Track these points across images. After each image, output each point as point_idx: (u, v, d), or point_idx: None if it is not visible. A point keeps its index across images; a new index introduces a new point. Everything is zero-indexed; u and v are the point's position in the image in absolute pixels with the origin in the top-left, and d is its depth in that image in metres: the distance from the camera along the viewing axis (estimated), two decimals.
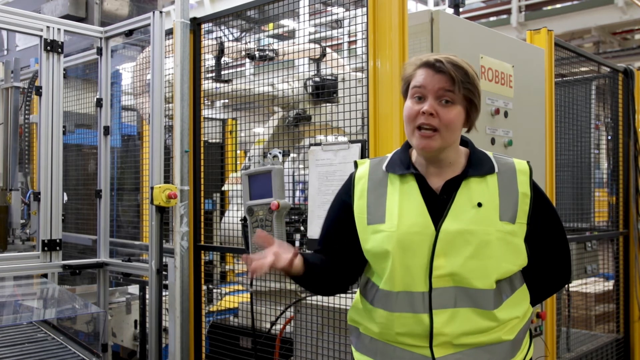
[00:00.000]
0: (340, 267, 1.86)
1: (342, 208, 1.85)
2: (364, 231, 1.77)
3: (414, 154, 1.79)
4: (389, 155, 1.84)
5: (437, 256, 1.65)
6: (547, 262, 1.83)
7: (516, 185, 1.72)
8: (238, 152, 4.06)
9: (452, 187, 1.71)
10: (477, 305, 1.65)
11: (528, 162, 1.79)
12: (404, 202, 1.71)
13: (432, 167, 1.74)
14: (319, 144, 2.88)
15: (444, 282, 1.65)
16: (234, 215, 3.37)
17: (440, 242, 1.65)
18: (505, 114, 3.14)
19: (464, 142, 1.81)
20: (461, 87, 1.66)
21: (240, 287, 3.74)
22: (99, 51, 3.94)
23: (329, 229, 1.90)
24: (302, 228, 3.02)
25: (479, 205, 1.67)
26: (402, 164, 1.77)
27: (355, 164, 1.89)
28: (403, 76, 1.77)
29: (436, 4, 13.68)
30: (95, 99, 3.98)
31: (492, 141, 3.05)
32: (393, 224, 1.70)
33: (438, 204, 1.70)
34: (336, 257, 1.86)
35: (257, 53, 3.53)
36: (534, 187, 1.76)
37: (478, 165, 1.74)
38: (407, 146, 1.82)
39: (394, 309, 1.70)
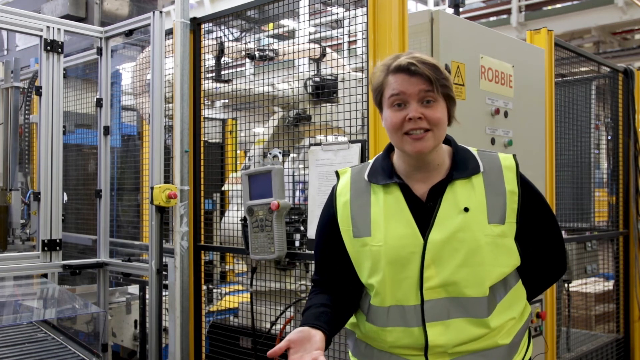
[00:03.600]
0: (348, 290, 1.77)
1: (329, 223, 1.79)
2: (351, 244, 1.72)
3: (396, 161, 1.73)
4: (370, 162, 1.79)
5: (427, 267, 1.61)
6: (541, 255, 1.80)
7: (503, 183, 1.67)
8: (238, 152, 4.05)
9: (437, 192, 1.66)
10: (470, 314, 1.63)
11: (514, 156, 1.74)
12: (390, 213, 1.66)
13: (418, 172, 1.69)
14: (319, 144, 2.88)
15: (436, 293, 1.62)
16: (234, 215, 3.37)
17: (429, 253, 1.61)
18: (505, 114, 3.14)
19: (447, 141, 1.76)
20: (438, 86, 1.61)
21: (240, 287, 3.74)
22: (99, 51, 3.94)
23: (322, 253, 1.82)
24: (302, 228, 3.02)
25: (466, 210, 1.63)
26: (384, 173, 1.71)
27: (337, 175, 1.83)
28: (373, 85, 1.70)
29: (436, 4, 13.68)
30: (95, 99, 3.98)
31: (492, 141, 3.05)
32: (380, 238, 1.65)
33: (424, 212, 1.65)
34: (340, 282, 1.77)
35: (257, 53, 3.53)
36: (522, 181, 1.70)
37: (462, 165, 1.69)
38: (387, 152, 1.77)
39: (386, 323, 1.68)
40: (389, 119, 1.66)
